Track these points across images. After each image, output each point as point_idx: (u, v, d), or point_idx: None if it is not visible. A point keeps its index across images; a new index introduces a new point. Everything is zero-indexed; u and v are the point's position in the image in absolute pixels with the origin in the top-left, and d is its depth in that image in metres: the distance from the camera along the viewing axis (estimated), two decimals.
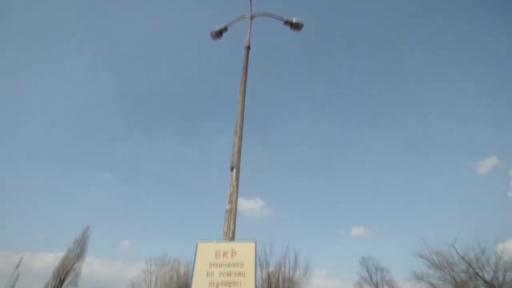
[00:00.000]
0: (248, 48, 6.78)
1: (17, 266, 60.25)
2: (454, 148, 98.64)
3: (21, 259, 59.62)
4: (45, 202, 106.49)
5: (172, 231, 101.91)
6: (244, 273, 3.29)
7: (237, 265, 3.35)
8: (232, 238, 3.66)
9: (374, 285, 47.63)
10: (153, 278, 46.65)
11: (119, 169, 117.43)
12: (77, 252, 56.51)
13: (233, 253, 3.46)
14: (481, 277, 28.97)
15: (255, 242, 3.59)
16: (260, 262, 40.07)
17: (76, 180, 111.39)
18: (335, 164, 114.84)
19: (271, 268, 40.02)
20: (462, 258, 29.95)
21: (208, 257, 3.45)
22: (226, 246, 3.54)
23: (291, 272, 39.55)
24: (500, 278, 28.05)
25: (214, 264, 3.38)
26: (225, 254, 3.46)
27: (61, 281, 53.79)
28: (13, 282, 54.86)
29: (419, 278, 32.12)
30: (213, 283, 3.25)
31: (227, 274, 3.30)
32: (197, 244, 3.60)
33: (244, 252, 3.47)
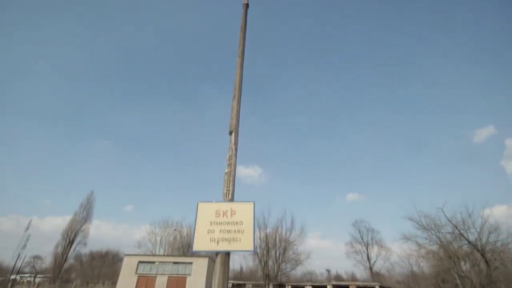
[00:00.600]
0: (247, 5, 6.35)
1: (27, 228, 63.22)
2: (451, 116, 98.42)
3: (30, 221, 62.33)
4: (49, 169, 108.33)
5: (174, 195, 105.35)
6: (243, 231, 3.47)
7: (236, 224, 3.52)
8: (231, 199, 3.78)
9: (365, 245, 50.91)
10: (158, 239, 49.46)
11: (117, 136, 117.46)
12: (84, 215, 59.07)
13: (233, 212, 3.61)
14: (465, 238, 30.85)
15: (254, 203, 3.72)
16: (259, 224, 42.28)
17: (76, 148, 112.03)
18: (333, 131, 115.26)
19: (268, 230, 42.40)
20: (449, 220, 31.60)
21: (209, 216, 3.60)
22: (226, 206, 3.68)
23: (288, 233, 41.99)
24: (484, 240, 29.90)
25: (214, 223, 3.54)
26: (224, 213, 3.61)
27: (71, 242, 57.00)
28: (24, 242, 58.07)
29: (406, 238, 34.21)
30: (214, 240, 3.43)
31: (227, 231, 3.47)
32: (197, 204, 3.73)
33: (243, 211, 3.61)
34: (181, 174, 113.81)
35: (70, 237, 56.01)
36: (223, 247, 3.38)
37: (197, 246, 3.44)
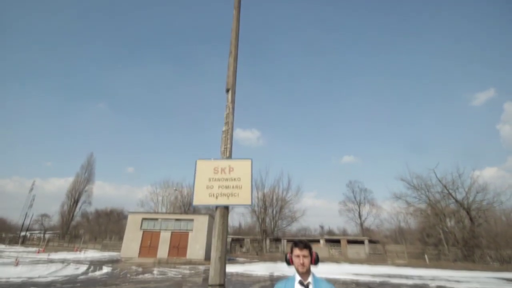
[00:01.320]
0: None
1: (31, 189, 65.25)
2: (452, 79, 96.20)
3: (33, 183, 64.04)
4: (47, 132, 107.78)
5: (173, 157, 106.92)
6: (241, 186, 3.56)
7: (234, 180, 3.59)
8: (229, 157, 3.82)
9: (357, 203, 53.56)
10: (160, 198, 51.52)
11: (113, 98, 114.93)
12: (86, 177, 60.61)
13: (231, 169, 3.67)
14: (453, 197, 32.40)
15: (251, 160, 3.77)
16: (256, 184, 43.84)
17: (70, 110, 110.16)
18: (331, 93, 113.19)
19: (266, 190, 44.11)
20: (440, 180, 32.89)
21: (207, 173, 3.66)
22: (224, 163, 3.72)
23: (284, 193, 43.80)
24: (471, 199, 31.45)
25: (213, 179, 3.62)
26: (223, 170, 3.67)
27: (76, 201, 59.25)
28: (30, 202, 60.30)
29: (397, 197, 35.93)
30: (213, 194, 3.53)
31: (225, 187, 3.56)
32: (196, 162, 3.78)
33: (241, 168, 3.67)
34: (179, 135, 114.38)
35: (75, 196, 58.17)
36: (222, 201, 3.49)
37: (197, 201, 3.55)
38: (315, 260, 2.06)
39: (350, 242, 37.31)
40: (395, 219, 46.02)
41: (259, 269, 18.21)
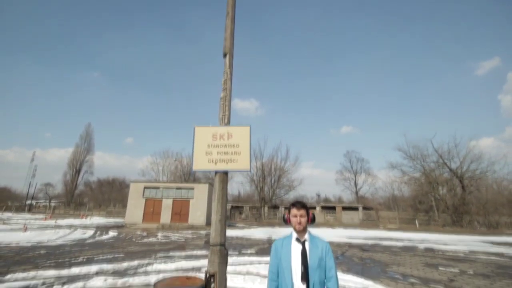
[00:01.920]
0: None
1: (32, 160, 65.84)
2: (458, 48, 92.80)
3: (34, 153, 64.43)
4: (45, 103, 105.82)
5: (172, 127, 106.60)
6: (240, 153, 3.58)
7: (233, 146, 3.61)
8: (228, 124, 3.79)
9: (353, 173, 54.79)
10: (160, 168, 52.39)
11: (107, 67, 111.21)
12: (85, 147, 60.97)
13: (229, 135, 3.66)
14: (447, 166, 33.09)
15: (250, 127, 3.75)
16: (255, 154, 44.37)
17: (67, 80, 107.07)
18: (331, 61, 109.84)
19: (264, 159, 44.79)
20: (436, 150, 33.35)
21: (206, 139, 3.66)
22: (222, 130, 3.70)
23: (283, 163, 44.55)
24: (464, 168, 32.16)
25: (211, 145, 3.62)
26: (221, 136, 3.66)
27: (77, 171, 60.20)
28: (33, 172, 61.17)
29: (393, 166, 36.69)
30: (212, 160, 3.57)
31: (224, 153, 3.58)
32: (194, 128, 3.76)
33: (239, 135, 3.66)
34: (177, 105, 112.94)
35: (76, 166, 59.03)
36: (221, 167, 3.54)
37: (196, 166, 3.59)
38: (312, 220, 2.14)
39: (345, 208, 38.85)
40: (389, 188, 47.50)
41: (258, 233, 19.16)
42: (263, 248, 11.96)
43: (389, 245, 14.03)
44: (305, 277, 1.92)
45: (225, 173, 3.59)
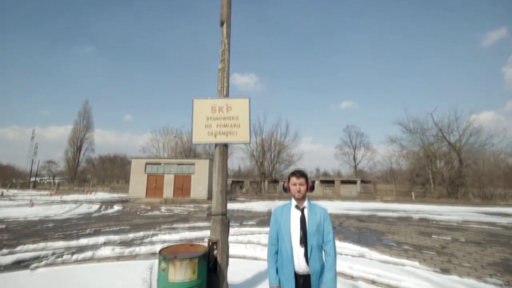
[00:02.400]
0: None
1: (32, 137, 65.88)
2: (464, 17, 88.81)
3: (33, 131, 64.29)
4: (39, 80, 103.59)
5: (170, 101, 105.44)
6: (239, 125, 3.56)
7: (232, 118, 3.58)
8: (226, 95, 3.73)
9: (353, 147, 55.17)
10: (160, 145, 52.58)
11: (100, 41, 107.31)
12: (85, 124, 60.76)
13: (228, 108, 3.62)
14: (446, 140, 33.20)
15: (249, 99, 3.70)
16: (255, 130, 44.34)
17: (61, 56, 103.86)
18: (331, 35, 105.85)
19: (264, 135, 44.85)
20: (436, 124, 33.27)
21: (205, 111, 3.62)
22: (221, 102, 3.65)
23: (282, 138, 44.65)
24: (463, 141, 32.29)
25: (211, 118, 3.60)
26: (220, 109, 3.62)
27: (78, 148, 60.51)
28: (34, 150, 61.48)
29: (392, 141, 36.84)
30: (212, 133, 3.56)
31: (224, 125, 3.57)
32: (193, 101, 3.70)
33: (238, 107, 3.62)
34: (175, 79, 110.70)
35: (77, 144, 59.30)
36: (220, 139, 3.54)
37: (196, 139, 3.59)
38: (311, 188, 2.18)
39: (344, 182, 39.65)
40: (387, 162, 48.07)
41: (258, 206, 19.74)
42: (264, 219, 12.38)
43: (385, 216, 14.52)
44: (303, 241, 2.00)
45: (225, 145, 3.60)
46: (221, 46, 3.99)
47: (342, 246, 7.00)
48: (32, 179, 55.15)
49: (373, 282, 4.52)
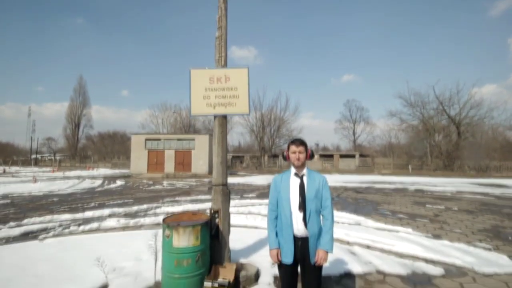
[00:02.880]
0: None
1: (29, 115, 65.22)
2: None
3: (29, 108, 63.53)
4: (32, 56, 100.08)
5: (167, 75, 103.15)
6: (238, 96, 3.51)
7: (231, 89, 3.52)
8: (225, 65, 3.63)
9: (352, 122, 55.06)
10: (159, 121, 52.30)
11: (91, 11, 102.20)
12: (81, 100, 59.88)
13: (227, 78, 3.54)
14: (446, 113, 33.05)
15: (248, 68, 3.61)
16: (254, 104, 43.87)
17: (50, 30, 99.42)
18: (334, 6, 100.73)
19: (264, 110, 44.47)
20: (437, 97, 32.90)
21: (203, 82, 3.55)
22: (219, 72, 3.57)
23: (282, 113, 44.32)
24: (463, 114, 32.16)
25: (209, 89, 3.53)
26: (218, 79, 3.54)
27: (77, 125, 60.21)
28: (32, 127, 61.18)
29: (392, 115, 36.65)
30: (210, 104, 3.52)
31: (222, 97, 3.52)
32: (190, 71, 3.61)
33: (237, 77, 3.54)
34: (171, 51, 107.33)
35: (75, 120, 58.86)
36: (219, 111, 3.51)
37: (194, 111, 3.56)
38: (310, 156, 2.20)
39: (342, 156, 40.09)
40: (386, 136, 48.25)
41: (258, 180, 20.13)
42: (264, 192, 12.68)
43: (381, 188, 14.88)
44: (302, 206, 2.06)
45: (224, 117, 3.58)
46: (217, 11, 3.81)
47: (339, 215, 7.25)
48: (33, 156, 55.51)
49: (368, 247, 4.74)
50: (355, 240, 5.06)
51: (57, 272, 3.58)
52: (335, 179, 20.22)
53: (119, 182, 18.07)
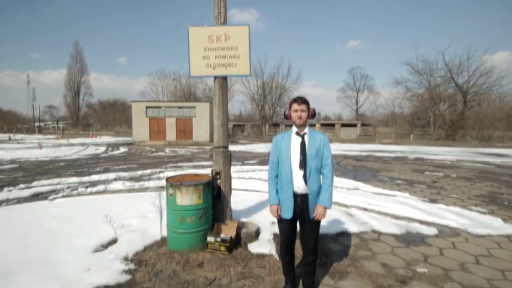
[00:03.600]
0: None
1: (28, 82, 64.27)
2: None
3: (28, 75, 62.39)
4: (24, 21, 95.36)
5: (165, 39, 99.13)
6: (239, 56, 3.38)
7: (231, 49, 3.37)
8: (224, 23, 3.44)
9: (356, 90, 53.89)
10: (159, 89, 51.46)
11: None
12: (79, 67, 58.53)
13: (227, 37, 3.38)
14: (454, 81, 32.10)
15: (248, 26, 3.42)
16: (255, 72, 42.71)
17: None
18: None
19: (265, 77, 43.35)
20: (446, 64, 31.69)
21: (202, 41, 3.39)
22: (219, 30, 3.39)
23: (284, 81, 43.27)
24: (471, 83, 31.20)
25: (208, 48, 3.39)
26: (218, 38, 3.38)
27: (77, 93, 59.50)
28: (32, 95, 60.56)
29: (398, 82, 35.68)
30: (210, 65, 3.40)
31: (222, 57, 3.39)
32: (187, 29, 3.43)
33: (237, 36, 3.37)
34: (167, 13, 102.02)
35: (74, 88, 58.04)
36: (219, 72, 3.40)
37: (194, 72, 3.46)
38: (312, 115, 2.17)
39: (344, 125, 39.94)
40: (390, 105, 47.56)
41: (259, 148, 20.32)
42: (264, 159, 12.86)
43: (381, 156, 15.01)
44: (303, 165, 2.08)
45: (224, 78, 3.48)
46: None
47: (338, 181, 7.41)
48: (36, 124, 55.76)
49: (365, 209, 4.91)
50: (352, 203, 5.23)
51: (69, 228, 3.78)
52: (335, 148, 20.34)
53: (123, 149, 18.32)
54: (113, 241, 3.35)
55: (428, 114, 34.18)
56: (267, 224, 3.85)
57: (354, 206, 5.06)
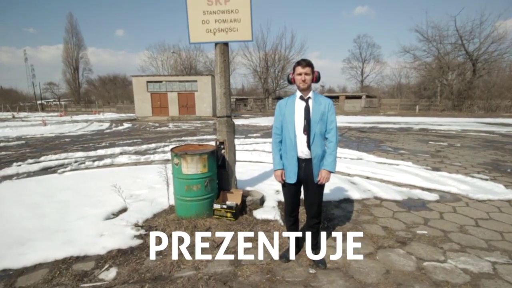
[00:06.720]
0: None
1: (26, 59, 63.09)
2: None
3: (24, 51, 60.99)
4: None
5: (162, 12, 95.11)
6: (240, 20, 3.22)
7: (231, 12, 3.21)
8: None
9: (361, 60, 52.10)
10: (159, 63, 50.26)
11: None
12: (75, 42, 56.85)
13: None
14: (464, 48, 30.77)
15: None
16: (258, 43, 41.26)
17: None
18: None
19: (268, 49, 41.88)
20: (457, 30, 30.15)
21: (200, 4, 3.22)
22: None
23: (287, 51, 41.81)
24: (482, 50, 29.86)
25: (207, 12, 3.22)
26: (217, 0, 3.20)
27: (75, 69, 58.47)
28: (31, 72, 59.74)
29: (405, 51, 34.30)
30: (210, 30, 3.26)
31: (223, 21, 3.23)
32: None
33: None
34: None
35: (73, 64, 56.87)
36: (220, 37, 3.27)
37: (193, 38, 3.32)
38: (317, 78, 2.11)
39: (348, 98, 39.19)
40: (396, 76, 46.19)
41: (262, 121, 20.22)
42: (267, 132, 12.85)
43: (386, 127, 14.90)
44: (307, 129, 2.06)
45: (226, 44, 3.35)
46: None
47: (341, 151, 7.44)
48: (39, 102, 55.64)
49: (368, 178, 4.97)
50: (355, 172, 5.28)
51: (79, 198, 3.91)
52: (339, 120, 20.07)
53: (126, 125, 18.38)
54: (123, 210, 3.47)
55: (435, 84, 33.22)
56: (271, 192, 3.94)
57: (357, 175, 5.11)
